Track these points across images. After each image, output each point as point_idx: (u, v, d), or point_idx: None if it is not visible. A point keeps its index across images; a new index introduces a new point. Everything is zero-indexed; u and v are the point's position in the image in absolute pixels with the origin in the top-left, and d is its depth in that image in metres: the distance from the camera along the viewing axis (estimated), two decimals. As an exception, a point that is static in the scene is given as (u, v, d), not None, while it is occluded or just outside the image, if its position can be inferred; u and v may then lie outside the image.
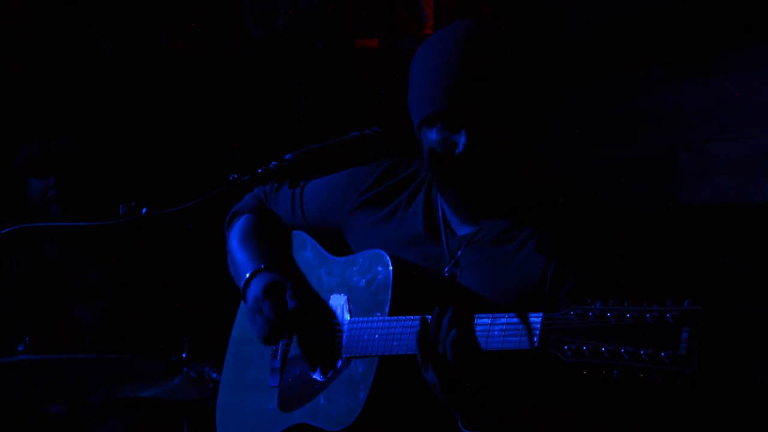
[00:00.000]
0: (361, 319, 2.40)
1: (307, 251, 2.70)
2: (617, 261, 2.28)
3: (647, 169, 4.19)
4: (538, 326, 2.04)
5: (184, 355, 3.92)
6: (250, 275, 2.62)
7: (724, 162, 3.88)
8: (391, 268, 2.35)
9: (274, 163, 2.30)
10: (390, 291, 2.33)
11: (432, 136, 2.32)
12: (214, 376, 3.81)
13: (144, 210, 2.19)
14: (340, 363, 2.44)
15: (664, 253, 3.68)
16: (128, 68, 5.01)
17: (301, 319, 2.55)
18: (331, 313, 2.53)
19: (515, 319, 2.09)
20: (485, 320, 2.14)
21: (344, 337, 2.43)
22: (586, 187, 2.39)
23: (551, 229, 2.31)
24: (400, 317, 2.29)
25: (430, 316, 2.18)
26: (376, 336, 2.32)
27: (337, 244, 2.65)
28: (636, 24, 4.07)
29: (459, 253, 2.40)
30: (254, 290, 2.57)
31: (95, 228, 2.22)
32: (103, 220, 2.22)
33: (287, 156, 2.31)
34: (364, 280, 2.43)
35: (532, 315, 2.06)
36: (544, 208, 2.35)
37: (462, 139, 2.26)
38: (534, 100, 2.30)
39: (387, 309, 2.33)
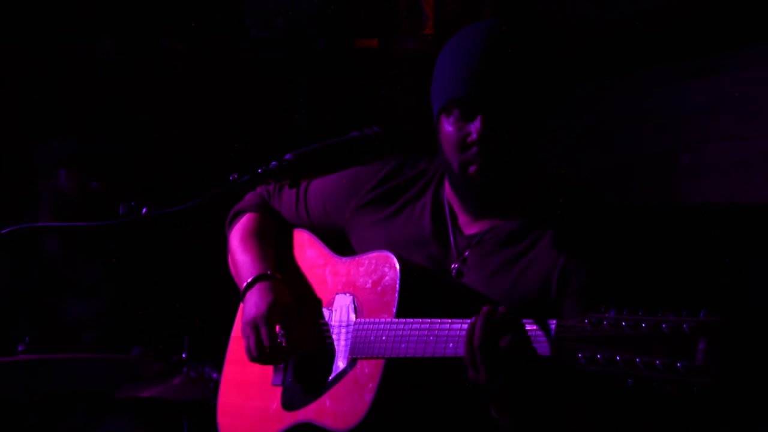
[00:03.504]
0: (367, 320, 2.40)
1: (310, 250, 2.70)
2: (623, 260, 2.29)
3: (647, 169, 4.18)
4: (552, 333, 2.04)
5: (184, 355, 3.92)
6: (252, 279, 2.62)
7: (724, 162, 3.87)
8: (398, 269, 2.35)
9: (274, 163, 2.31)
10: (397, 292, 2.33)
11: (448, 125, 2.35)
12: (214, 376, 3.81)
13: (144, 210, 2.19)
14: (345, 363, 2.43)
15: (666, 252, 3.68)
16: (129, 69, 5.01)
17: (294, 351, 2.56)
18: (336, 314, 2.53)
19: (529, 326, 2.09)
20: None
21: (350, 337, 2.43)
22: (585, 187, 2.39)
23: (558, 230, 2.33)
24: (408, 320, 2.29)
25: (472, 319, 2.16)
26: (383, 338, 2.32)
27: (340, 242, 2.65)
28: (636, 24, 4.07)
29: (467, 252, 2.40)
30: (256, 300, 2.58)
31: (95, 228, 2.22)
32: (104, 220, 2.22)
33: (287, 156, 2.32)
34: (370, 281, 2.43)
35: (545, 322, 2.06)
36: (550, 209, 2.36)
37: (476, 126, 2.29)
38: (543, 96, 2.34)
39: (394, 310, 2.33)
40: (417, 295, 2.34)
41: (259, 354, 2.54)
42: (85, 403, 4.26)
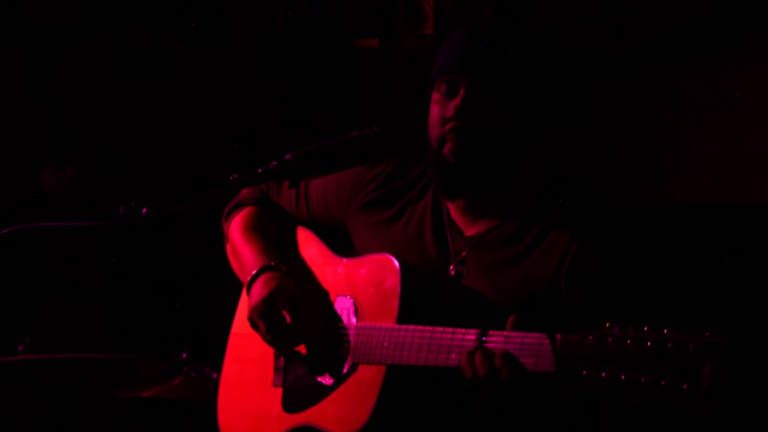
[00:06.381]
0: (368, 324, 2.39)
1: (312, 248, 2.69)
2: (631, 259, 2.30)
3: (647, 169, 4.18)
4: (556, 348, 2.02)
5: (184, 355, 3.91)
6: (257, 272, 2.60)
7: (724, 162, 3.87)
8: (399, 273, 2.34)
9: (274, 163, 2.30)
10: (399, 297, 2.32)
11: (434, 103, 2.40)
12: (214, 376, 3.81)
13: (144, 210, 2.19)
14: (346, 367, 2.42)
15: (667, 252, 3.68)
16: (129, 68, 5.01)
17: (303, 335, 2.55)
18: (336, 316, 2.52)
19: (532, 339, 2.07)
20: (498, 338, 2.12)
21: (351, 341, 2.42)
22: (585, 186, 2.40)
23: (562, 228, 2.33)
24: (409, 326, 2.27)
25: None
26: (385, 344, 2.31)
27: (340, 240, 2.64)
28: (636, 24, 4.07)
29: (464, 254, 2.40)
30: (260, 289, 2.56)
31: (95, 228, 2.22)
32: (104, 219, 2.22)
33: (287, 156, 2.32)
34: (371, 284, 2.42)
35: (548, 336, 2.04)
36: (551, 209, 2.36)
37: (456, 102, 2.33)
38: (531, 89, 2.36)
39: (396, 315, 2.32)
40: (419, 300, 2.33)
41: (273, 336, 2.52)
42: (85, 404, 4.27)
